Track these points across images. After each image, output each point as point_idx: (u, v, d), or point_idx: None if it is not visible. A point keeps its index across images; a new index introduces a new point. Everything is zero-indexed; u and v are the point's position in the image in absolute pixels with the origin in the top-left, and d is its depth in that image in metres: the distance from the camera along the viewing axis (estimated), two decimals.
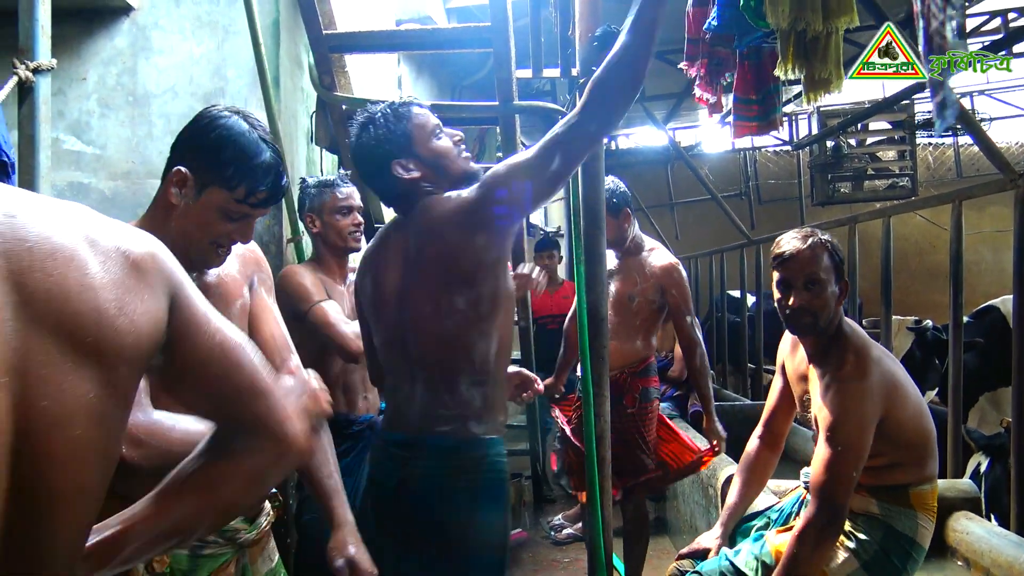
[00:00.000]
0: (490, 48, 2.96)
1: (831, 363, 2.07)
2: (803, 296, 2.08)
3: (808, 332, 2.12)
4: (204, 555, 1.51)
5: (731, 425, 5.01)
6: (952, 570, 2.61)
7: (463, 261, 1.76)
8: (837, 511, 1.96)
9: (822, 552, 2.01)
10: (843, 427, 1.97)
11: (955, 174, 10.57)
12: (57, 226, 0.75)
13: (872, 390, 1.99)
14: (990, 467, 3.68)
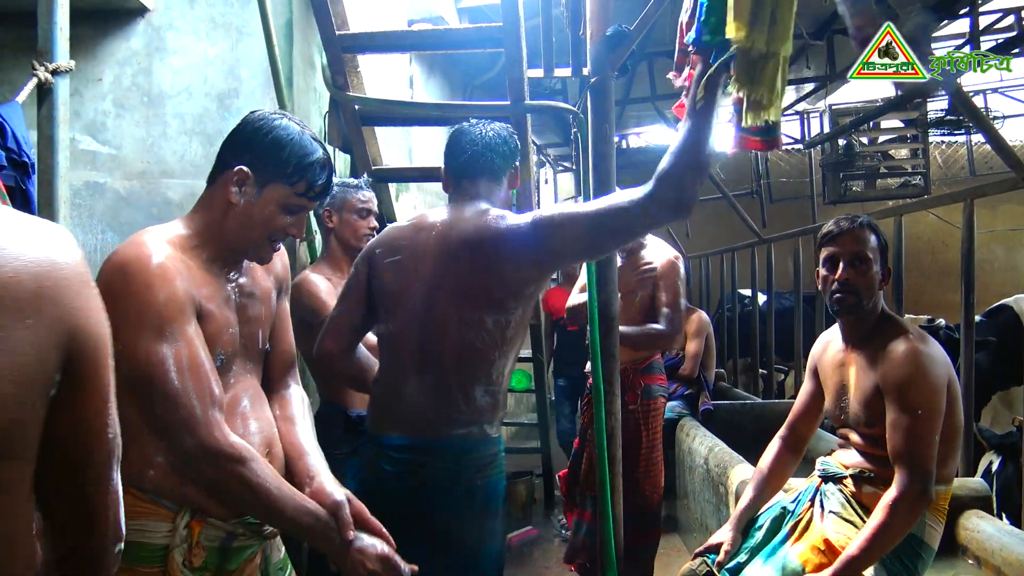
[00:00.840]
0: (501, 48, 2.98)
1: (886, 342, 2.08)
2: (850, 272, 2.12)
3: (851, 311, 2.15)
4: (234, 547, 1.55)
5: (742, 424, 5.03)
6: (963, 568, 2.60)
7: (505, 288, 1.84)
8: (927, 476, 1.96)
9: (912, 520, 2.01)
10: (919, 390, 1.99)
11: (968, 172, 10.50)
12: None
13: (937, 356, 2.03)
14: (1002, 466, 3.67)
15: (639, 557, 3.39)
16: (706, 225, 10.07)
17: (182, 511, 1.48)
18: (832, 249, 2.18)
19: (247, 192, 1.55)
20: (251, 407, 1.63)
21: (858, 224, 2.16)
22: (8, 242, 0.70)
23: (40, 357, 0.70)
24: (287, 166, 1.57)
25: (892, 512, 1.97)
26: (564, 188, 10.48)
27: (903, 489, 1.97)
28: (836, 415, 2.27)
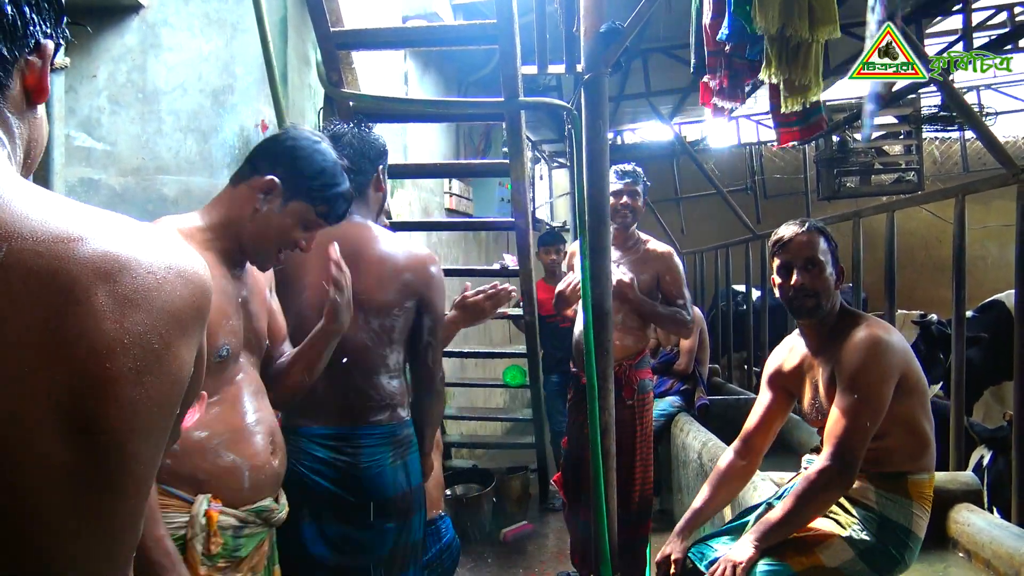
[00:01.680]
0: (496, 45, 2.98)
1: (846, 334, 2.12)
2: (804, 277, 2.17)
3: (811, 314, 2.19)
4: (245, 535, 1.63)
5: (736, 418, 5.05)
6: (953, 562, 2.63)
7: (383, 297, 2.10)
8: (850, 461, 2.00)
9: (826, 499, 2.06)
10: (864, 377, 2.02)
11: (962, 168, 10.55)
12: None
13: (894, 344, 2.06)
14: (992, 460, 3.69)
15: (634, 550, 3.42)
16: (701, 221, 10.11)
17: (196, 500, 1.52)
18: (784, 257, 2.23)
19: (272, 201, 1.64)
20: (254, 399, 1.69)
21: (806, 229, 2.21)
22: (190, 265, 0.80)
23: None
24: (316, 189, 1.68)
25: (807, 486, 2.03)
26: (559, 184, 10.49)
27: (822, 465, 2.02)
28: (813, 417, 2.30)
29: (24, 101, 0.85)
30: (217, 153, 3.15)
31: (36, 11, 0.83)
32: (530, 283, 3.82)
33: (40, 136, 0.90)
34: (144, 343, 0.74)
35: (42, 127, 0.90)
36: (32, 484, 0.70)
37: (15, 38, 0.81)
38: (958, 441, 3.41)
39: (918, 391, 2.10)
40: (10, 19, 0.80)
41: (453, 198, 6.06)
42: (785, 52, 2.94)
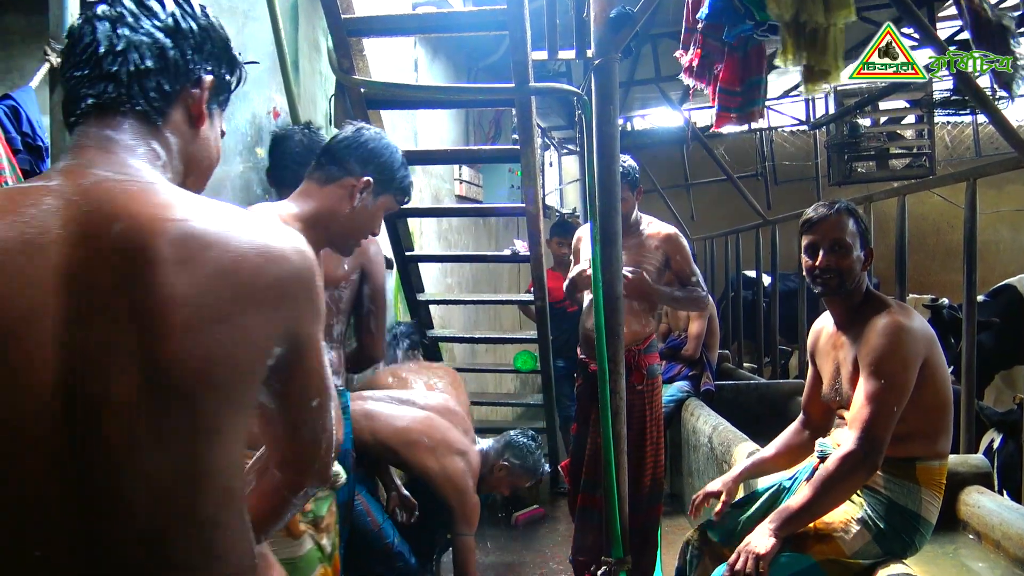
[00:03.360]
0: (505, 31, 2.99)
1: (868, 319, 2.13)
2: (829, 259, 2.17)
3: (835, 292, 2.20)
4: (320, 498, 1.98)
5: (747, 403, 5.08)
6: (963, 543, 2.65)
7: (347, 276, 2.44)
8: (876, 445, 2.01)
9: (851, 485, 2.06)
10: (890, 361, 2.03)
11: (974, 153, 10.46)
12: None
13: (917, 331, 2.07)
14: (1003, 443, 3.70)
15: (645, 533, 3.44)
16: (711, 207, 10.09)
17: None
18: (812, 237, 2.23)
19: (367, 198, 1.92)
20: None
21: (835, 211, 2.20)
22: (277, 242, 0.96)
23: (267, 339, 0.95)
24: (399, 183, 2.00)
25: (832, 472, 2.04)
26: (569, 171, 10.48)
27: (847, 451, 2.03)
28: (832, 397, 2.31)
29: (187, 124, 1.06)
30: (230, 141, 3.16)
31: (197, 51, 1.05)
32: (541, 269, 3.84)
33: (203, 155, 1.11)
34: (207, 302, 0.88)
35: (206, 147, 1.11)
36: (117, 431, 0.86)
37: (177, 75, 1.03)
38: (968, 424, 3.42)
39: (938, 376, 2.11)
40: (171, 60, 1.02)
41: (463, 184, 6.07)
42: (802, 38, 2.93)
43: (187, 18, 1.06)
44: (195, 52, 1.05)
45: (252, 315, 0.92)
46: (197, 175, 1.11)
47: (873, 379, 2.03)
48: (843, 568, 2.07)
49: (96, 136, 0.98)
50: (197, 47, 1.05)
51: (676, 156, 9.94)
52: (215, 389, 0.90)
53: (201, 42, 1.06)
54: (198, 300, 0.88)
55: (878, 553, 2.08)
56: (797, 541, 2.08)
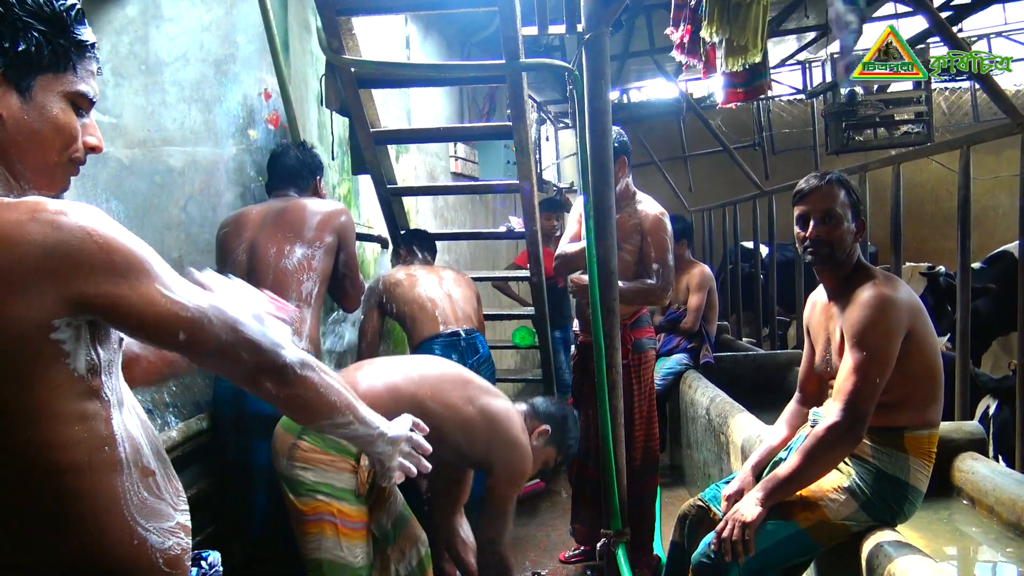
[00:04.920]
0: (495, 7, 2.97)
1: (856, 288, 2.14)
2: (820, 229, 2.18)
3: (825, 262, 2.21)
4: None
5: (745, 374, 5.10)
6: (957, 509, 2.67)
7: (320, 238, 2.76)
8: (859, 416, 2.02)
9: (835, 455, 2.08)
10: (872, 333, 2.05)
11: (972, 119, 10.41)
12: None
13: (901, 302, 2.08)
14: (998, 410, 3.73)
15: (642, 504, 3.48)
16: (708, 179, 10.06)
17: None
18: (803, 208, 2.24)
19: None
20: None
21: (827, 181, 2.22)
22: None
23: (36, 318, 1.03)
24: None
25: (816, 442, 2.06)
26: (566, 144, 10.44)
27: (831, 422, 2.05)
28: (823, 368, 2.33)
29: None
30: (221, 123, 3.16)
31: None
32: (537, 245, 3.84)
33: (24, 137, 1.07)
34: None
35: (24, 129, 1.06)
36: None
37: None
38: (963, 391, 3.44)
39: (925, 346, 2.12)
40: None
41: (459, 162, 6.06)
42: (726, 11, 2.90)
43: None
44: None
45: (2, 301, 0.96)
46: (34, 161, 1.09)
47: (856, 350, 2.05)
48: (829, 533, 2.10)
49: None
50: None
51: (673, 128, 9.89)
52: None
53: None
54: None
55: (866, 520, 2.10)
56: (783, 509, 2.11)
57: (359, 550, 2.25)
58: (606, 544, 2.93)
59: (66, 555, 1.06)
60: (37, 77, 1.08)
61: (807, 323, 2.47)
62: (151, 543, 1.11)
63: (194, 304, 1.11)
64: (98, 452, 1.06)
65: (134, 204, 3.08)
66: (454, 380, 2.55)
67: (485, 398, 2.54)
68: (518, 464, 2.57)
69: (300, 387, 1.25)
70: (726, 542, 2.07)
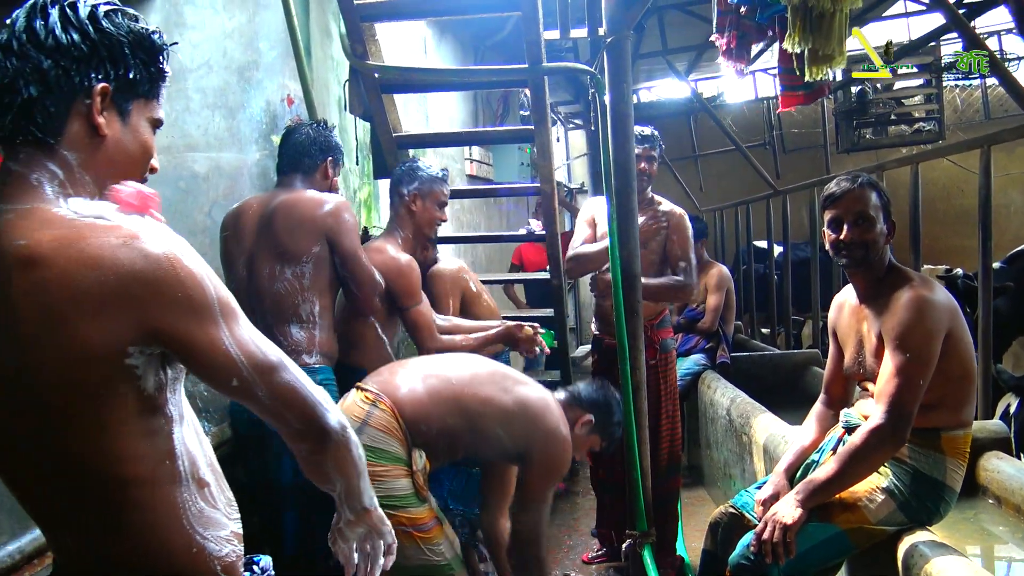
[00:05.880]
0: (518, 11, 2.99)
1: (891, 292, 2.15)
2: (854, 232, 2.19)
3: (859, 264, 2.22)
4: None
5: (760, 375, 5.11)
6: (983, 508, 2.68)
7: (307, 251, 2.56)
8: (904, 417, 2.04)
9: (879, 458, 2.09)
10: (913, 335, 2.05)
11: (983, 115, 10.39)
12: None
13: (940, 303, 2.09)
14: (1020, 407, 3.73)
15: (666, 505, 3.50)
16: (719, 178, 10.07)
17: (416, 452, 2.28)
18: (835, 211, 2.24)
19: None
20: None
21: (858, 184, 2.22)
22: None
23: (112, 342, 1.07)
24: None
25: (859, 445, 2.07)
26: (576, 145, 10.45)
27: (875, 425, 2.06)
28: (855, 370, 2.34)
29: (87, 136, 1.09)
30: (245, 129, 3.18)
31: (84, 63, 1.07)
32: (556, 247, 3.85)
33: (119, 157, 1.14)
34: (40, 315, 1.00)
35: (120, 149, 1.14)
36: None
37: (62, 94, 1.07)
38: (985, 391, 3.44)
39: (962, 346, 2.13)
40: (54, 81, 1.05)
41: (474, 164, 6.08)
42: (808, 22, 2.96)
43: (69, 31, 1.06)
44: (82, 64, 1.07)
45: (85, 322, 1.00)
46: (120, 175, 1.15)
47: (899, 353, 2.05)
48: (868, 535, 2.10)
49: (2, 170, 1.07)
50: (83, 59, 1.07)
51: (683, 127, 9.90)
52: (58, 387, 1.02)
53: (88, 52, 1.07)
54: (35, 315, 0.99)
55: (903, 521, 2.11)
56: (823, 510, 2.12)
57: (441, 547, 2.25)
58: (632, 545, 2.95)
59: (130, 563, 1.10)
60: (135, 102, 1.15)
61: (833, 325, 2.47)
62: (208, 551, 1.15)
63: (248, 358, 1.14)
64: (161, 465, 1.11)
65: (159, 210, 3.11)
66: (489, 374, 2.50)
67: (521, 388, 2.49)
68: (557, 456, 2.49)
69: (330, 456, 1.29)
70: (767, 544, 2.07)
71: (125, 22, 1.12)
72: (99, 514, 1.08)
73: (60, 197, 1.06)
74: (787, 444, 2.84)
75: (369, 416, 2.25)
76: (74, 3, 1.08)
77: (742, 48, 3.73)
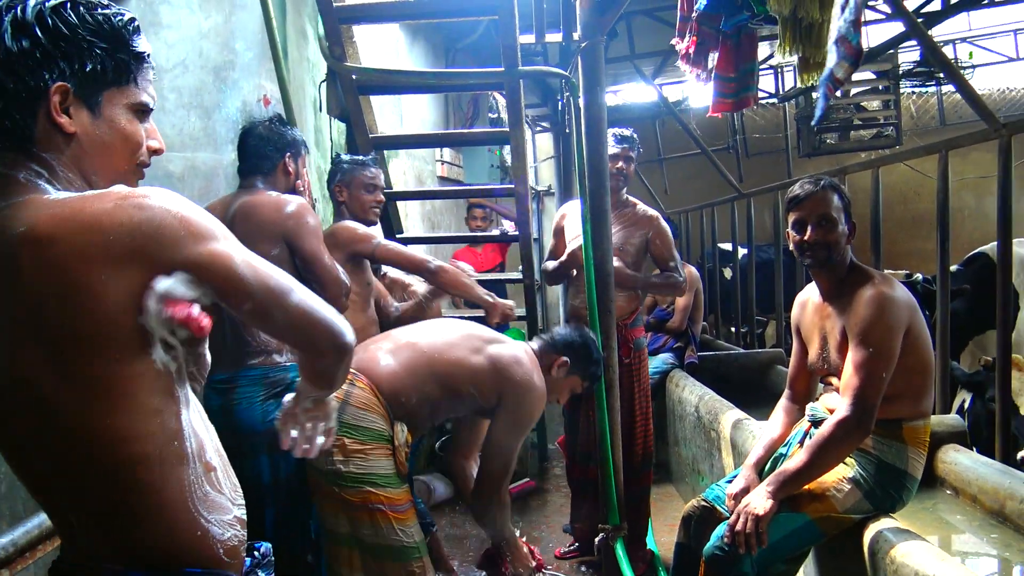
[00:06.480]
0: (495, 16, 3.04)
1: (854, 290, 2.25)
2: (817, 233, 2.28)
3: (823, 264, 2.31)
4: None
5: (726, 373, 5.21)
6: (942, 499, 2.78)
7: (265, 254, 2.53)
8: (868, 409, 2.13)
9: (845, 449, 2.18)
10: (875, 330, 2.15)
11: (938, 122, 10.67)
12: None
13: (900, 300, 2.19)
14: (972, 403, 3.87)
15: (639, 499, 3.57)
16: (684, 181, 10.19)
17: (398, 424, 2.34)
18: (799, 213, 2.34)
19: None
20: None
21: (821, 187, 2.32)
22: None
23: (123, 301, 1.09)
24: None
25: (826, 436, 2.16)
26: (543, 148, 10.51)
27: (841, 417, 2.15)
28: (819, 365, 2.43)
29: (59, 135, 1.11)
30: (220, 129, 3.19)
31: (40, 66, 1.07)
32: (529, 248, 3.92)
33: (97, 150, 1.15)
34: (50, 288, 1.03)
35: (96, 143, 1.14)
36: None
37: (21, 100, 1.08)
38: (943, 387, 3.57)
39: (921, 341, 2.23)
40: (12, 91, 1.06)
41: (444, 166, 6.12)
42: (798, 32, 3.08)
43: (19, 37, 1.06)
44: (37, 67, 1.07)
45: (101, 285, 1.03)
46: (106, 169, 1.16)
47: (862, 348, 2.15)
48: (836, 523, 2.19)
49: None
50: (39, 62, 1.07)
51: (649, 131, 10.00)
52: (75, 361, 1.05)
53: (45, 54, 1.07)
54: (51, 290, 1.02)
55: (869, 508, 2.21)
56: (792, 501, 2.20)
57: (412, 529, 2.32)
58: (604, 538, 3.02)
59: (135, 544, 1.12)
60: (104, 92, 1.14)
61: (796, 323, 2.56)
62: (212, 534, 1.17)
63: (263, 275, 1.17)
64: (169, 446, 1.13)
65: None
66: (461, 337, 2.54)
67: (492, 347, 2.52)
68: (527, 405, 2.52)
69: (342, 366, 1.32)
70: (740, 534, 2.15)
71: (81, 13, 1.10)
72: (106, 494, 1.10)
73: (51, 190, 1.10)
74: (755, 439, 2.93)
75: (348, 395, 2.30)
76: (24, 6, 1.07)
77: (699, 55, 3.83)
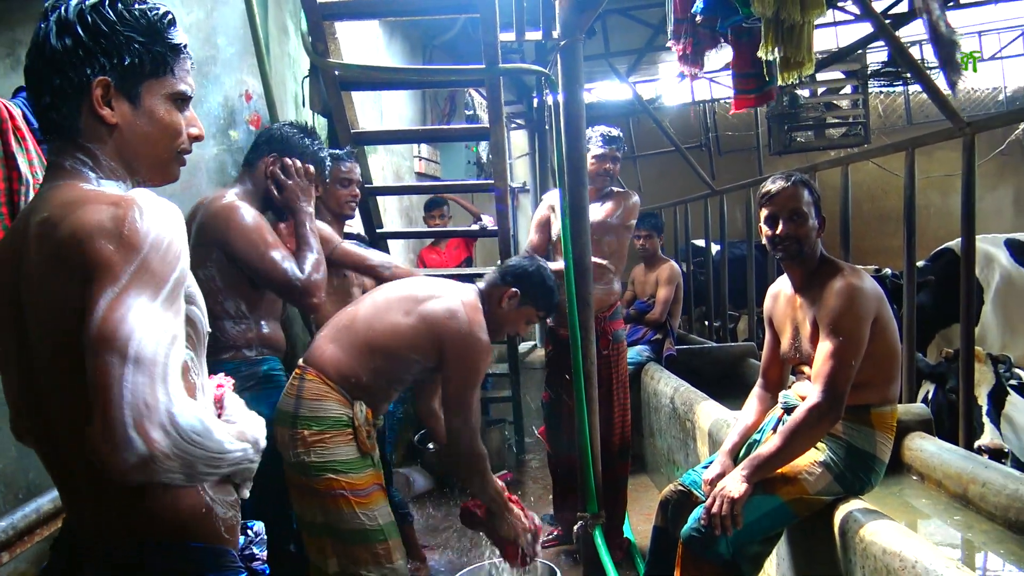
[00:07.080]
0: (477, 13, 3.09)
1: (824, 281, 2.33)
2: (788, 227, 2.37)
3: (794, 257, 2.40)
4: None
5: (699, 366, 5.31)
6: (908, 484, 2.88)
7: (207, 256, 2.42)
8: (838, 397, 2.21)
9: (816, 433, 2.27)
10: (844, 320, 2.24)
11: (905, 121, 10.89)
12: None
13: (868, 290, 2.28)
14: (935, 393, 4.00)
15: (617, 488, 3.65)
16: (657, 179, 10.30)
17: (357, 403, 2.38)
18: (771, 208, 2.42)
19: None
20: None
21: (792, 183, 2.41)
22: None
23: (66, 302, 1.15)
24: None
25: (799, 422, 2.24)
26: (518, 145, 10.57)
27: (812, 403, 2.24)
28: (791, 355, 2.52)
29: (101, 127, 1.18)
30: (202, 123, 3.20)
31: (83, 62, 1.14)
32: (508, 243, 3.97)
33: (138, 140, 1.21)
34: (39, 273, 1.13)
35: (139, 134, 1.20)
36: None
37: (66, 96, 1.15)
38: (910, 377, 3.68)
39: (888, 330, 2.33)
40: (58, 87, 1.14)
41: (422, 162, 6.16)
42: (780, 33, 3.19)
43: (63, 37, 1.14)
44: (80, 64, 1.15)
45: (54, 286, 1.10)
46: (148, 158, 1.23)
47: (832, 337, 2.23)
48: (808, 505, 2.28)
49: (48, 163, 1.21)
50: (81, 59, 1.15)
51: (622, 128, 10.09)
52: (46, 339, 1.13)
53: (87, 51, 1.15)
54: (57, 272, 1.09)
55: (839, 491, 2.30)
56: (766, 484, 2.28)
57: (376, 512, 2.36)
58: (583, 526, 3.09)
59: (145, 520, 1.18)
60: (143, 84, 1.20)
61: (769, 314, 2.65)
62: (216, 512, 1.24)
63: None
64: None
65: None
66: (396, 299, 2.53)
67: (423, 305, 2.48)
68: (470, 359, 2.48)
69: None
70: (716, 517, 2.23)
71: (119, 10, 1.17)
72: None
73: (94, 179, 1.17)
74: (729, 428, 3.01)
75: (300, 389, 2.37)
76: (67, 6, 1.15)
77: (697, 54, 3.94)
